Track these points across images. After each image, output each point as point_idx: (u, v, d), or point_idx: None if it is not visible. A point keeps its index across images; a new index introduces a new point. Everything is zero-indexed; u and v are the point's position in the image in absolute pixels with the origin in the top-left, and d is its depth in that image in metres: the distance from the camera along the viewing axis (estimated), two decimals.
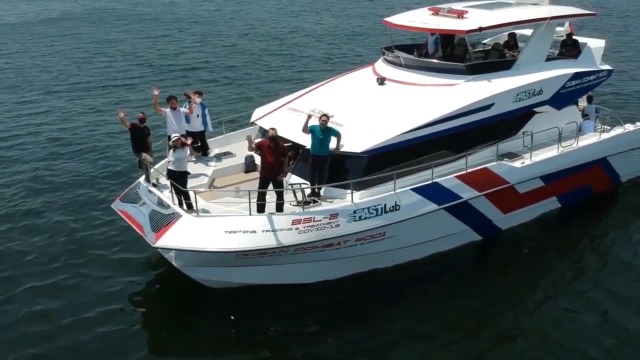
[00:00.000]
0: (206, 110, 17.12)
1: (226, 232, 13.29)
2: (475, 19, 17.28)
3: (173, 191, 14.22)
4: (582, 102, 20.76)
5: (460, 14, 17.54)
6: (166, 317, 14.25)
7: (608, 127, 20.02)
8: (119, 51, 40.61)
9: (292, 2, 63.52)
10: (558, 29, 19.51)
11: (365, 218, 14.08)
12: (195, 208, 13.69)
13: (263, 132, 16.92)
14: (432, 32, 18.22)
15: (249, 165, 16.68)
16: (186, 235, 13.29)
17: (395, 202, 14.41)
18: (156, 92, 15.83)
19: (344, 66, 30.64)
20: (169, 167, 14.23)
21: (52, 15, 56.71)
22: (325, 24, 51.05)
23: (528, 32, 19.17)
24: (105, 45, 42.69)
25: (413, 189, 14.75)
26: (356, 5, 60.59)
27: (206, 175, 16.17)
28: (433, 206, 15.02)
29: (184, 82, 32.20)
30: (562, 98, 18.19)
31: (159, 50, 41.05)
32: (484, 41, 20.73)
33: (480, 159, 16.38)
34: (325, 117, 14.33)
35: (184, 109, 16.19)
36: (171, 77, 33.77)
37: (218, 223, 13.47)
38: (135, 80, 33.24)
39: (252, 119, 17.44)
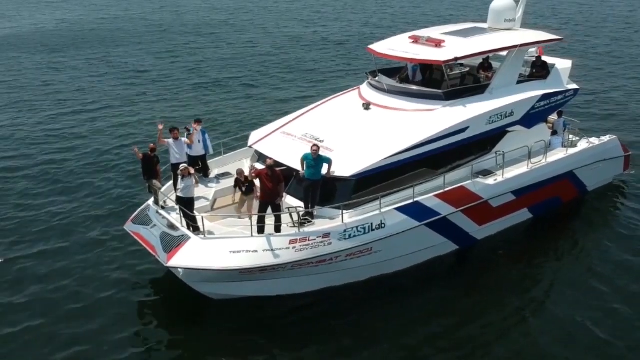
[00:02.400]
0: (206, 135, 18.64)
1: (230, 252, 14.91)
2: (451, 48, 18.92)
3: (181, 215, 15.78)
4: (553, 116, 22.52)
5: (438, 43, 19.18)
6: (172, 321, 16.00)
7: (576, 139, 21.82)
8: (119, 68, 41.74)
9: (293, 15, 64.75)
10: (529, 50, 21.22)
11: (354, 236, 15.75)
12: (202, 230, 15.29)
13: (259, 154, 18.51)
14: (412, 61, 19.82)
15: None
16: (195, 255, 14.89)
17: (381, 221, 16.10)
18: (160, 127, 17.43)
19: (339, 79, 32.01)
20: (178, 194, 15.82)
21: (61, 26, 57.54)
22: (329, 32, 52.52)
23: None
24: (107, 62, 43.81)
25: (396, 209, 16.45)
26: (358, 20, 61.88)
27: (208, 196, 17.70)
28: (415, 223, 16.73)
29: (187, 101, 33.77)
30: (532, 118, 19.93)
31: (167, 65, 42.31)
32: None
33: (457, 177, 18.11)
34: (316, 147, 15.94)
35: (184, 139, 17.70)
36: (176, 95, 35.02)
37: (223, 244, 15.08)
38: (136, 99, 34.32)
39: (249, 143, 18.99)
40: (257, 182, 16.48)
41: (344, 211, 15.83)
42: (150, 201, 17.22)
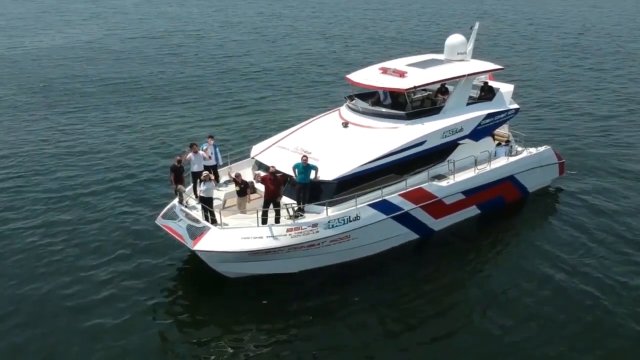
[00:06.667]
0: (217, 149, 23.17)
1: (242, 238, 19.51)
2: (412, 78, 23.69)
3: (203, 211, 20.31)
4: (504, 130, 27.25)
5: (401, 74, 23.95)
6: (193, 301, 20.26)
7: (521, 149, 26.65)
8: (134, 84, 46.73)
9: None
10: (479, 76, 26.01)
11: (336, 226, 20.40)
12: (219, 222, 19.86)
13: (259, 164, 23.10)
14: (381, 89, 24.57)
15: (251, 188, 22.79)
16: (215, 241, 19.44)
17: (357, 214, 20.77)
18: (187, 157, 21.84)
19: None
20: (200, 194, 20.37)
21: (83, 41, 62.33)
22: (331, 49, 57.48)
23: None
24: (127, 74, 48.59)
25: (369, 205, 21.14)
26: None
27: (220, 197, 22.16)
28: (383, 216, 21.42)
29: (201, 114, 38.81)
30: (479, 133, 24.69)
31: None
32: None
33: (417, 180, 22.82)
34: (305, 157, 20.60)
35: (201, 152, 22.19)
36: (192, 112, 39.84)
37: (236, 232, 19.66)
38: (154, 116, 39.11)
39: (252, 154, 23.62)
40: (259, 186, 21.12)
41: (328, 207, 20.48)
42: (176, 200, 21.71)
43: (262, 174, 21.28)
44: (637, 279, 21.02)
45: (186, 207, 21.18)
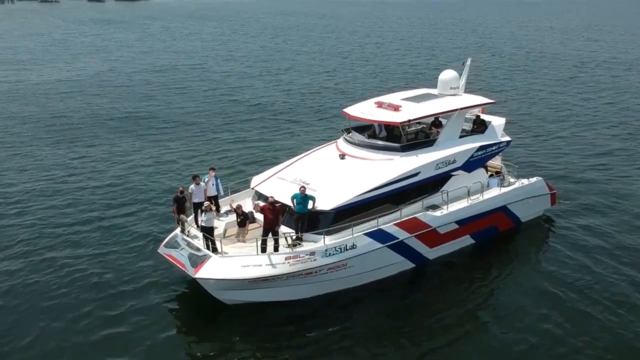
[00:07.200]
0: (218, 180, 24.00)
1: (242, 266, 20.21)
2: (406, 112, 24.61)
3: (204, 239, 21.06)
4: (497, 161, 28.09)
5: (396, 108, 24.88)
6: (193, 324, 20.93)
7: (513, 180, 27.45)
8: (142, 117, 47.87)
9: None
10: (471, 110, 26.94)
11: (333, 254, 21.11)
12: (220, 251, 20.60)
13: (259, 195, 23.90)
14: (377, 123, 25.51)
15: (250, 218, 23.57)
16: (216, 269, 20.14)
17: (353, 243, 21.49)
18: (189, 192, 22.65)
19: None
20: (202, 224, 21.15)
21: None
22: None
23: None
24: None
25: (365, 234, 21.86)
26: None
27: (221, 226, 22.89)
28: (379, 245, 22.12)
29: (200, 150, 39.57)
30: (471, 164, 25.51)
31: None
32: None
33: (412, 210, 23.58)
34: (303, 188, 21.42)
35: (203, 184, 23.02)
36: (192, 145, 40.81)
37: (236, 260, 20.37)
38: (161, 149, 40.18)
39: (252, 185, 24.45)
40: (259, 215, 21.91)
41: (326, 236, 21.22)
42: (177, 230, 22.48)
43: (262, 204, 22.07)
44: (630, 302, 21.77)
45: (188, 236, 21.93)
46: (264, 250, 20.74)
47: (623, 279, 23.25)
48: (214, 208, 21.53)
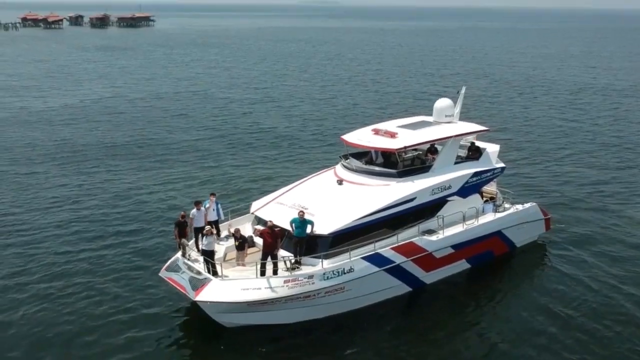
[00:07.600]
0: (219, 205, 24.57)
1: (241, 289, 20.68)
2: (403, 139, 25.26)
3: (204, 263, 21.55)
4: (492, 187, 28.66)
5: (392, 135, 25.54)
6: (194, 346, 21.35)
7: (508, 206, 27.99)
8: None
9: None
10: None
11: (331, 278, 21.57)
12: (220, 274, 21.08)
13: (259, 219, 24.43)
14: (374, 149, 26.15)
15: (249, 242, 24.08)
16: (216, 292, 20.59)
17: (351, 267, 21.96)
18: (190, 220, 23.18)
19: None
20: (202, 248, 21.68)
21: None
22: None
23: None
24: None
25: (362, 257, 22.35)
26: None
27: (221, 250, 23.36)
28: (376, 268, 22.60)
29: (201, 177, 40.16)
30: (466, 190, 26.09)
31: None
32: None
33: (408, 234, 24.08)
34: (302, 213, 21.97)
35: (203, 209, 23.58)
36: (194, 171, 41.49)
37: (236, 284, 20.84)
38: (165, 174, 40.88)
39: (251, 210, 24.99)
40: (258, 239, 22.44)
41: (324, 259, 21.72)
42: (179, 254, 22.98)
43: (261, 228, 22.61)
44: (626, 324, 22.21)
45: (189, 260, 22.43)
46: (263, 273, 21.22)
47: (620, 298, 23.81)
48: (214, 232, 22.08)
